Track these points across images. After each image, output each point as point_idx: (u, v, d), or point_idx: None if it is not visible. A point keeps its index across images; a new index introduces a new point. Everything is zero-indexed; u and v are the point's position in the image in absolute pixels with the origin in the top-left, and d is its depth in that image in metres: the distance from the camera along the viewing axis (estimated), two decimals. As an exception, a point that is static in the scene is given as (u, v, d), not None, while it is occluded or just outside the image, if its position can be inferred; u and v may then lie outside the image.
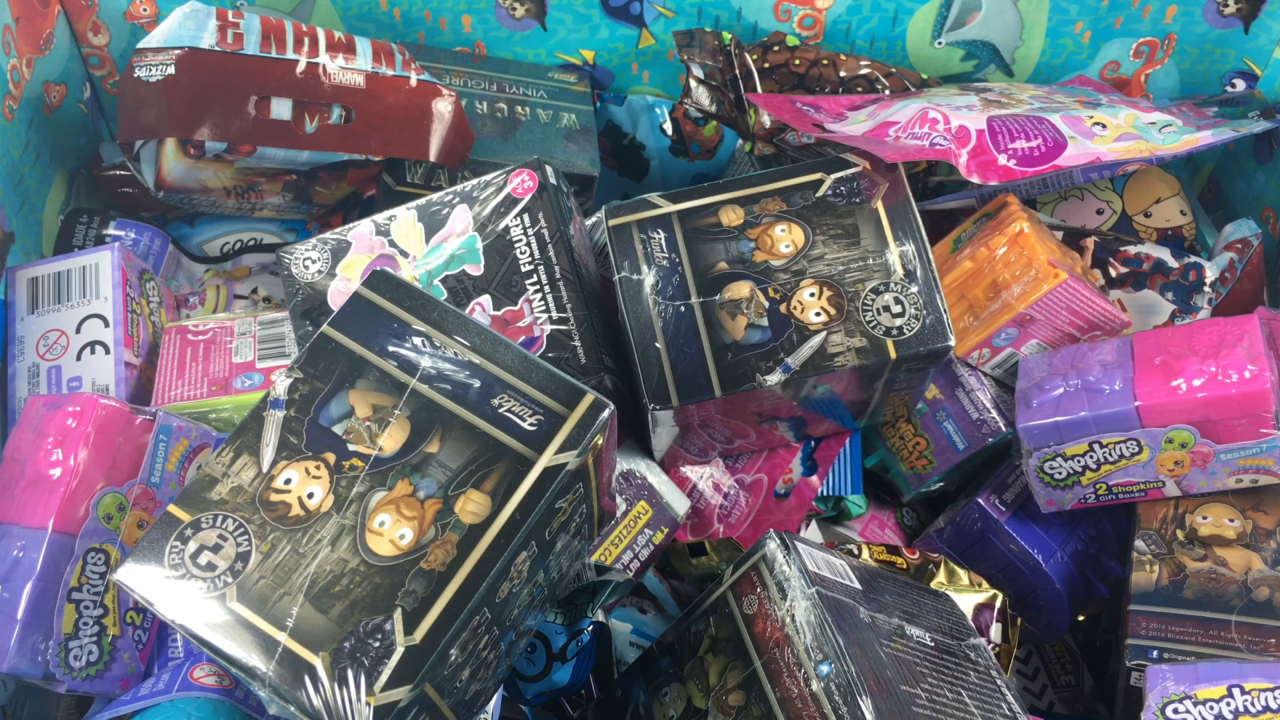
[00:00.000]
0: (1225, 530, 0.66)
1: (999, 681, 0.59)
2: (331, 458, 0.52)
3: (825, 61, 0.83)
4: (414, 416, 0.53)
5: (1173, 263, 0.76)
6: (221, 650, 0.48)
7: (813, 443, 0.76)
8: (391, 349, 0.54)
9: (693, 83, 0.81)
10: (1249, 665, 0.57)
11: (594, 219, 0.76)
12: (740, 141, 0.90)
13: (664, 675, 0.60)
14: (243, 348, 0.73)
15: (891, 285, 0.65)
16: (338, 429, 0.53)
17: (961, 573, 0.68)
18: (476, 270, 0.67)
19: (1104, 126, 0.74)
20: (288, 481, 0.52)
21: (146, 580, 0.50)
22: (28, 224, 0.78)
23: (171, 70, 0.70)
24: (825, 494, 0.76)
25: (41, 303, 0.73)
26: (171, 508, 0.51)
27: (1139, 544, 0.67)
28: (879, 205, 0.67)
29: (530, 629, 0.59)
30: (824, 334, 0.64)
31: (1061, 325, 0.72)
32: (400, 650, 0.48)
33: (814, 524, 0.80)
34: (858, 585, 0.59)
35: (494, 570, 0.49)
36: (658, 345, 0.64)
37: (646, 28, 0.87)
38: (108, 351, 0.71)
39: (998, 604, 0.67)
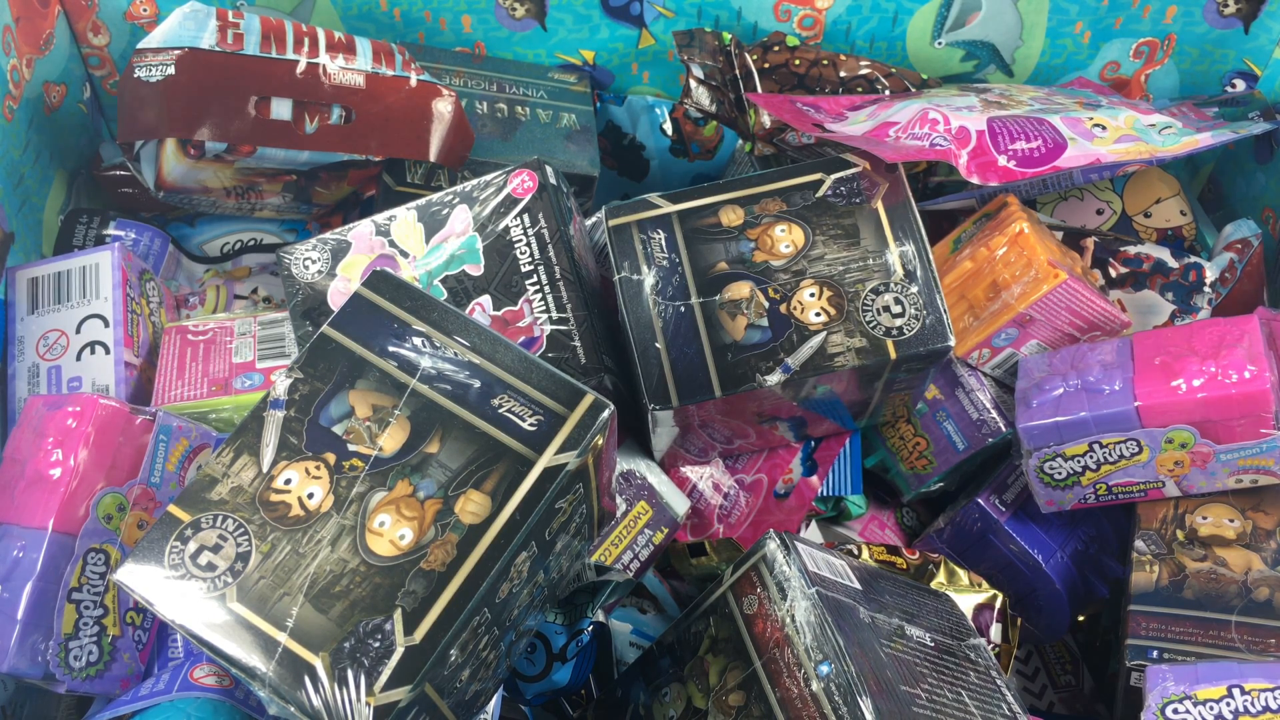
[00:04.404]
0: (1225, 530, 0.66)
1: (999, 681, 0.59)
2: (331, 458, 0.52)
3: (825, 62, 0.83)
4: (414, 417, 0.53)
5: (1173, 263, 0.76)
6: (221, 650, 0.48)
7: (813, 443, 0.76)
8: (391, 349, 0.54)
9: (693, 83, 0.81)
10: (1249, 665, 0.57)
11: (594, 219, 0.76)
12: (740, 141, 0.90)
13: (664, 675, 0.60)
14: (243, 348, 0.73)
15: (891, 285, 0.65)
16: (338, 429, 0.53)
17: (961, 573, 0.68)
18: (476, 270, 0.67)
19: (1104, 128, 0.74)
20: (288, 482, 0.52)
21: (146, 580, 0.50)
22: (28, 224, 0.78)
23: (171, 70, 0.70)
24: (825, 494, 0.76)
25: (41, 303, 0.73)
26: (171, 508, 0.51)
27: (1139, 544, 0.67)
28: (879, 205, 0.67)
29: (530, 629, 0.59)
30: (824, 334, 0.64)
31: (1061, 325, 0.72)
32: (400, 650, 0.48)
33: (814, 524, 0.80)
34: (858, 585, 0.59)
35: (494, 570, 0.49)
36: (658, 345, 0.64)
37: (646, 28, 0.87)
38: (108, 351, 0.71)
39: (998, 604, 0.67)
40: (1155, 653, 0.63)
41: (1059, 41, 0.86)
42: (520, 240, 0.66)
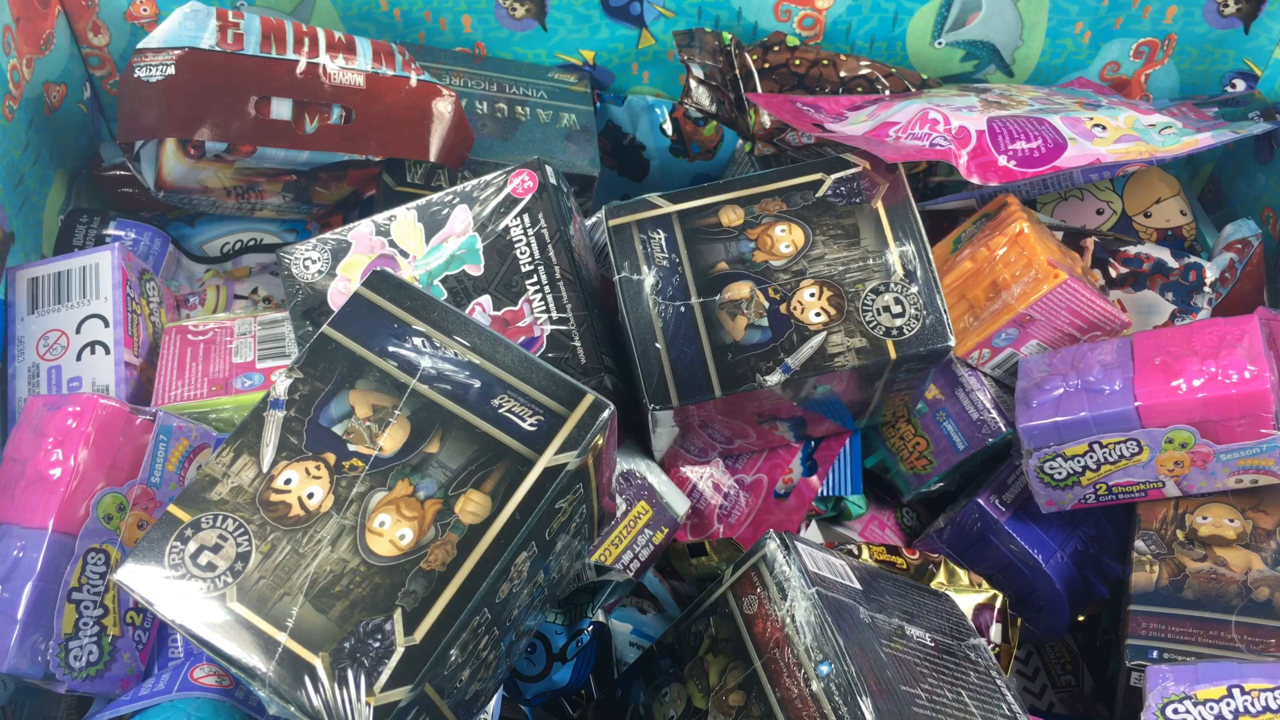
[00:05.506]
0: (1225, 530, 0.66)
1: (999, 681, 0.59)
2: (331, 458, 0.52)
3: (825, 62, 0.83)
4: (414, 417, 0.53)
5: (1173, 263, 0.76)
6: (221, 650, 0.48)
7: (813, 443, 0.76)
8: (391, 349, 0.54)
9: (693, 83, 0.81)
10: (1249, 665, 0.57)
11: (594, 219, 0.76)
12: (740, 141, 0.90)
13: (664, 675, 0.60)
14: (243, 348, 0.73)
15: (891, 285, 0.65)
16: (338, 429, 0.53)
17: (961, 573, 0.68)
18: (476, 270, 0.67)
19: (1104, 128, 0.74)
20: (288, 482, 0.52)
21: (146, 580, 0.50)
22: (28, 224, 0.78)
23: (171, 70, 0.70)
24: (825, 494, 0.76)
25: (41, 303, 0.73)
26: (171, 508, 0.51)
27: (1139, 544, 0.67)
28: (879, 205, 0.67)
29: (530, 629, 0.59)
30: (824, 334, 0.64)
31: (1061, 325, 0.72)
32: (400, 650, 0.48)
33: (814, 524, 0.80)
34: (858, 585, 0.59)
35: (494, 570, 0.49)
36: (658, 345, 0.64)
37: (646, 28, 0.87)
38: (108, 351, 0.71)
39: (998, 604, 0.67)
40: (1155, 653, 0.63)
41: (1059, 41, 0.86)
42: (520, 240, 0.66)
